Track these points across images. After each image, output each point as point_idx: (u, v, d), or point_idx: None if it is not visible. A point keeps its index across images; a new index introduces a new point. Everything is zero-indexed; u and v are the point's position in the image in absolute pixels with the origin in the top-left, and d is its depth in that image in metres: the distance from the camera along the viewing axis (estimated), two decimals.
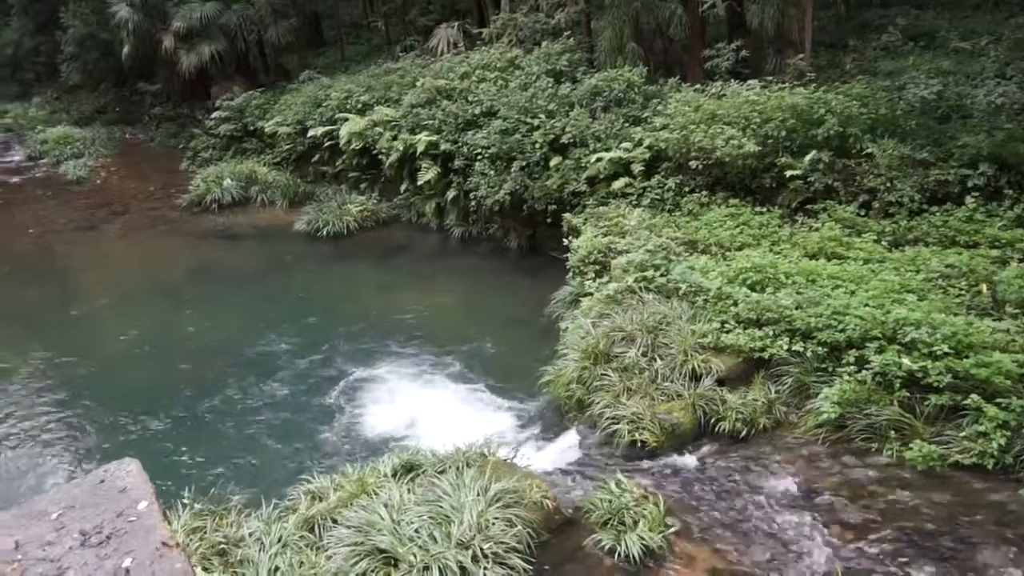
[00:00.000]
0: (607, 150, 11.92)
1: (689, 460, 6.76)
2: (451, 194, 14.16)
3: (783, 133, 10.43)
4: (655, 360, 7.59)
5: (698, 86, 12.40)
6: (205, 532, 5.66)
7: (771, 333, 7.34)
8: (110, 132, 23.72)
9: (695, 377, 7.34)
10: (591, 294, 9.21)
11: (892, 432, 6.28)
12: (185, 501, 6.09)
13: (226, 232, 16.05)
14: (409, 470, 6.37)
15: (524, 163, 12.60)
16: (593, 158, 11.91)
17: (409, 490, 5.99)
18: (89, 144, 22.35)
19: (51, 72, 28.43)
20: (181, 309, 12.60)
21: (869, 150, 9.97)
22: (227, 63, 21.16)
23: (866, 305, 7.20)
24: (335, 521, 5.74)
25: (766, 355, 7.24)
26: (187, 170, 19.36)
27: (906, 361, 6.45)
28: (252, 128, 19.17)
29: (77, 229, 16.73)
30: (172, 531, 3.39)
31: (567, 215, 11.66)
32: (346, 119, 16.22)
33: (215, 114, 19.74)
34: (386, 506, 5.72)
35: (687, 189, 11.10)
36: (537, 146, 12.59)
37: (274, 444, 8.43)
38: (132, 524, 3.44)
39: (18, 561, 3.36)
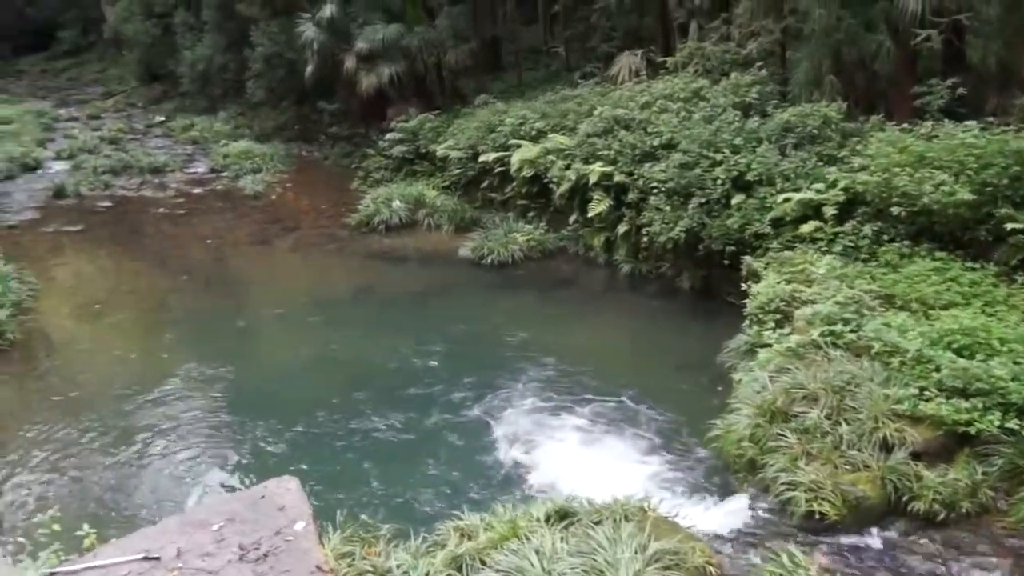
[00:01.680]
0: (796, 190, 11.55)
1: (874, 540, 6.37)
2: (622, 228, 14.12)
3: (1005, 181, 9.74)
4: (840, 424, 7.22)
5: (905, 125, 11.81)
6: (353, 559, 5.83)
7: (980, 406, 6.81)
8: (288, 149, 25.29)
9: (886, 448, 6.92)
10: (770, 345, 8.91)
11: None
12: (336, 524, 6.30)
13: (391, 254, 16.68)
14: (563, 517, 6.33)
15: (703, 200, 12.41)
16: (780, 198, 11.57)
17: (562, 539, 5.94)
18: (268, 160, 23.89)
19: (237, 88, 30.70)
20: (342, 327, 13.18)
21: None
22: (405, 85, 22.09)
23: None
24: (484, 563, 5.78)
25: (972, 430, 6.73)
26: (358, 190, 20.30)
27: None
28: (424, 151, 19.91)
29: (251, 243, 17.89)
30: (325, 555, 3.48)
31: (747, 258, 11.37)
32: (519, 145, 16.55)
33: (389, 135, 20.65)
34: (537, 553, 5.70)
35: (886, 238, 10.56)
36: (719, 182, 12.37)
37: (424, 474, 8.61)
38: (289, 544, 3.57)
39: (179, 568, 3.57)
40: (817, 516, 6.53)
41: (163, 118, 32.31)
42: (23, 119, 31.56)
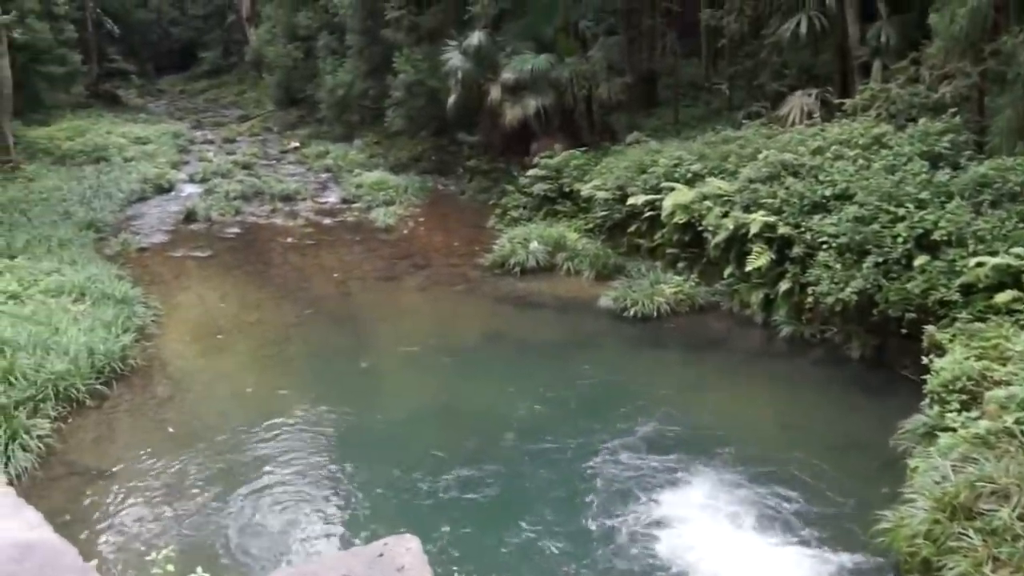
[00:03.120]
0: (992, 254, 11.06)
1: None
2: (784, 285, 13.82)
3: None
4: None
5: None
6: None
7: None
8: (423, 181, 26.04)
9: None
10: (953, 430, 8.55)
11: None
12: None
13: (526, 299, 16.85)
14: None
15: (880, 259, 12.03)
16: (972, 262, 11.10)
17: None
18: (401, 192, 24.68)
19: (375, 116, 31.96)
20: (469, 375, 13.37)
21: None
22: (551, 119, 22.46)
23: None
24: None
25: None
26: (494, 228, 20.68)
27: None
28: (568, 190, 20.10)
29: (379, 278, 18.46)
30: None
31: (930, 327, 10.92)
32: (672, 189, 16.51)
33: (531, 171, 20.97)
34: None
35: None
36: (900, 240, 11.99)
37: (550, 549, 8.57)
38: None
39: None
40: None
41: (298, 144, 33.93)
42: (160, 140, 33.82)
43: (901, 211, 12.33)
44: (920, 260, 11.67)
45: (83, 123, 34.88)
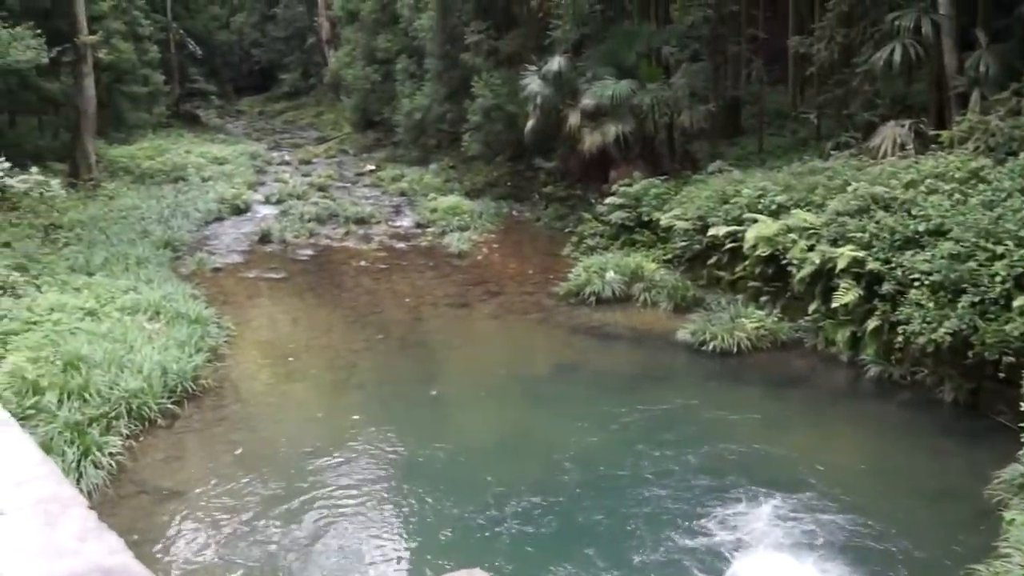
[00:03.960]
0: None
1: None
2: (872, 323, 13.53)
3: None
4: None
5: None
6: None
7: None
8: (498, 207, 26.23)
9: None
10: None
11: None
12: None
13: (600, 330, 16.79)
14: None
15: (977, 298, 11.71)
16: None
17: None
18: (476, 217, 24.89)
19: (452, 140, 32.34)
20: (540, 407, 13.36)
21: None
22: (631, 146, 22.43)
23: None
24: None
25: None
26: (569, 256, 20.68)
27: None
28: (646, 219, 20.03)
29: (451, 304, 18.58)
30: None
31: None
32: (755, 220, 16.33)
33: (609, 199, 20.96)
34: None
35: None
36: (998, 279, 11.65)
37: None
38: None
39: None
40: None
41: (373, 167, 34.51)
42: (237, 160, 34.73)
43: (1000, 249, 11.99)
44: (1020, 301, 11.31)
45: (163, 143, 36.02)
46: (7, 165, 15.79)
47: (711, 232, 17.45)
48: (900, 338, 12.75)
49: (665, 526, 9.58)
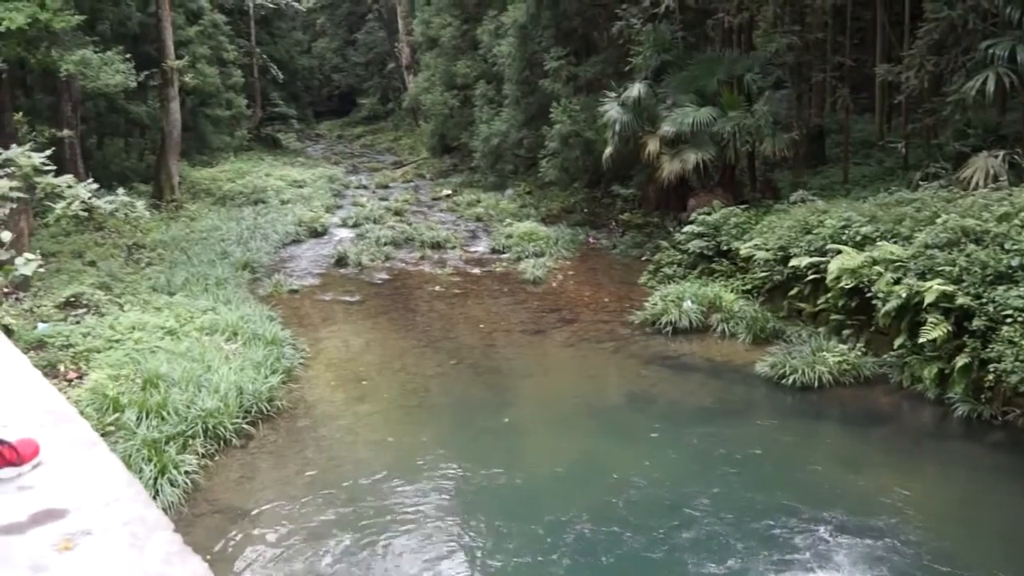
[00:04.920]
0: None
1: None
2: (961, 360, 13.15)
3: None
4: None
5: None
6: None
7: None
8: (574, 234, 26.27)
9: None
10: None
11: None
12: None
13: (676, 360, 16.65)
14: None
15: None
16: None
17: None
18: (551, 244, 24.96)
19: (529, 166, 32.56)
20: (613, 438, 13.26)
21: None
22: (711, 173, 22.32)
23: None
24: None
25: None
26: (645, 285, 20.60)
27: None
28: (725, 248, 19.86)
29: (524, 331, 18.62)
30: None
31: None
32: (839, 251, 16.05)
33: (687, 228, 20.84)
34: None
35: None
36: None
37: None
38: None
39: None
40: None
41: (449, 192, 34.90)
42: (316, 184, 35.48)
43: None
44: None
45: (244, 165, 36.99)
46: (95, 186, 16.34)
47: (792, 263, 17.20)
48: (991, 376, 12.41)
49: (732, 565, 9.41)
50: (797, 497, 10.90)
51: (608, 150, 23.89)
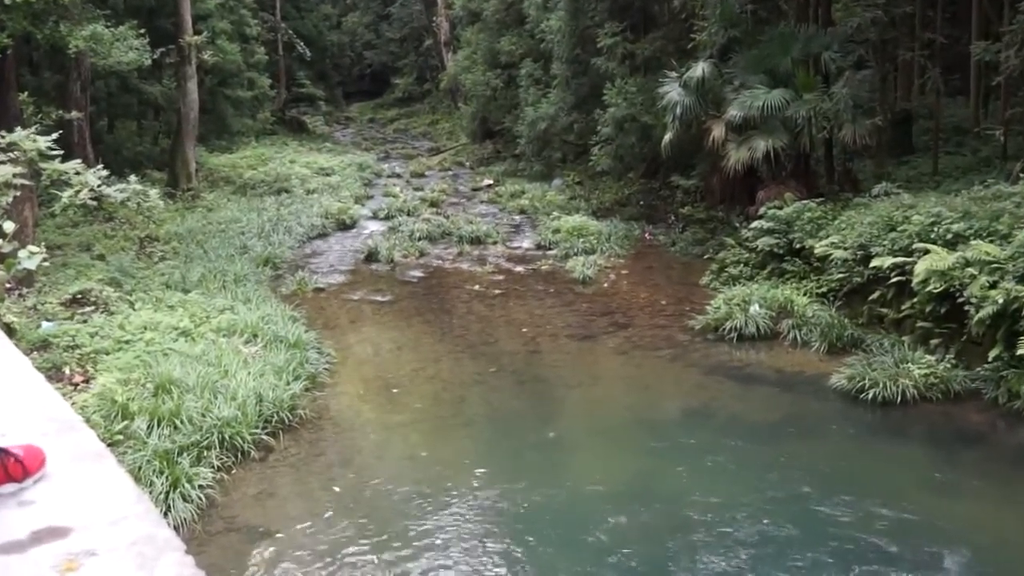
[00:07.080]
0: None
1: None
2: None
3: None
4: None
5: None
6: None
7: None
8: (628, 228, 26.16)
9: None
10: None
11: None
12: None
13: (741, 371, 16.54)
14: None
15: None
16: None
17: None
18: (603, 240, 24.88)
19: (579, 154, 32.53)
20: (670, 457, 13.17)
21: None
22: (782, 163, 22.11)
23: None
24: None
25: None
26: (708, 286, 20.49)
27: None
28: (798, 246, 19.68)
29: (572, 336, 18.60)
30: None
31: None
32: (927, 251, 15.85)
33: (755, 223, 20.67)
34: None
35: None
36: None
37: None
38: None
39: None
40: None
41: (491, 181, 34.95)
42: (344, 172, 35.73)
43: None
44: None
45: (266, 151, 37.33)
46: (104, 173, 16.55)
47: (874, 264, 17.00)
48: None
49: None
50: (871, 528, 10.70)
51: (667, 136, 23.74)
